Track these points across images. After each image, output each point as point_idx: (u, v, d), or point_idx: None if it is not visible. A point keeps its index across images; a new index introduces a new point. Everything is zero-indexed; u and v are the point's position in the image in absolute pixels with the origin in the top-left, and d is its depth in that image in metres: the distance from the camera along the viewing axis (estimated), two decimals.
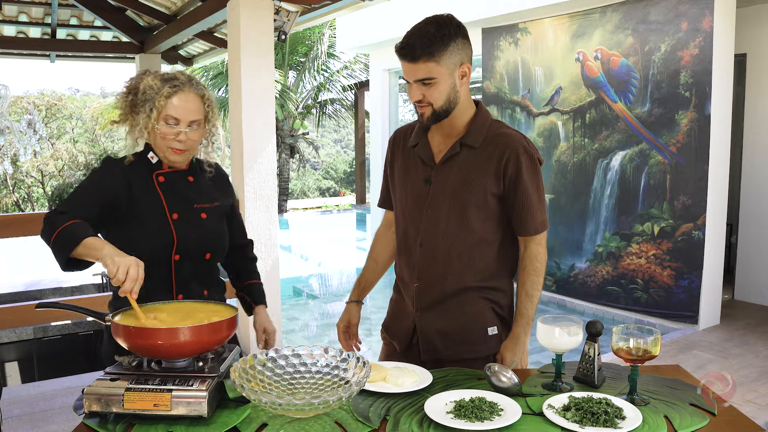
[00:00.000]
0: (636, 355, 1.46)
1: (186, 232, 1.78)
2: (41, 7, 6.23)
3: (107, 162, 1.79)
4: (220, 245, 1.88)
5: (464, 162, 1.77)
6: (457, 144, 1.78)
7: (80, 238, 1.56)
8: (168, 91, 1.72)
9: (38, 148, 18.18)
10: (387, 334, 2.00)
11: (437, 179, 1.79)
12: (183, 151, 1.76)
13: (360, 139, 14.85)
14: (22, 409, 3.43)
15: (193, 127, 1.75)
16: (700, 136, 4.86)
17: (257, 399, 1.30)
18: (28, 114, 9.33)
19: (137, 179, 1.76)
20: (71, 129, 21.28)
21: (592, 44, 5.58)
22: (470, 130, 1.78)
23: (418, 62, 1.65)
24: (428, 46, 1.64)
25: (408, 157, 1.88)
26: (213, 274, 1.90)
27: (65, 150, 20.04)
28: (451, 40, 1.66)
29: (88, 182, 1.75)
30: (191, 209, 1.81)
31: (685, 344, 4.65)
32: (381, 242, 2.06)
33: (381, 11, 8.00)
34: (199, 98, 1.76)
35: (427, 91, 1.69)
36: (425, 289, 1.83)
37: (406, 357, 1.87)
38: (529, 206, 1.76)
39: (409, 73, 1.69)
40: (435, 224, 1.79)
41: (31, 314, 3.61)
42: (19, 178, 19.40)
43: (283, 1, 4.49)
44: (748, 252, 5.74)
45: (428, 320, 1.83)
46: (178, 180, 1.82)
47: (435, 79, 1.67)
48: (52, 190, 19.56)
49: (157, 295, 1.73)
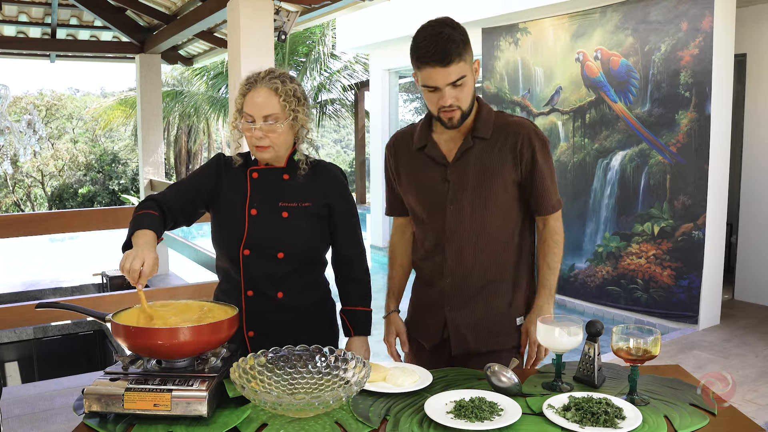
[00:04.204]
0: (636, 355, 1.46)
1: (259, 228, 1.77)
2: (41, 7, 6.23)
3: (213, 157, 1.90)
4: (297, 246, 1.79)
5: (479, 154, 1.79)
6: (469, 138, 1.79)
7: (135, 229, 1.65)
8: (244, 89, 1.75)
9: (38, 148, 18.18)
10: (413, 333, 1.98)
11: (455, 176, 1.80)
12: (265, 147, 1.74)
13: (360, 139, 14.84)
14: (22, 409, 3.43)
15: (269, 122, 1.72)
16: (700, 136, 4.85)
17: (257, 399, 1.30)
18: (28, 114, 9.32)
19: (232, 175, 1.83)
20: (71, 129, 21.28)
21: (592, 44, 5.58)
22: (478, 122, 1.79)
23: (451, 65, 1.64)
24: (457, 47, 1.64)
25: (415, 160, 1.87)
26: (296, 277, 1.81)
27: (65, 150, 20.05)
28: (468, 39, 1.68)
29: (190, 174, 1.90)
30: (274, 207, 1.79)
31: (685, 344, 4.65)
32: (400, 248, 2.03)
33: (381, 11, 8.00)
34: (272, 92, 1.73)
35: (459, 94, 1.69)
36: (456, 285, 1.83)
37: (435, 354, 1.88)
38: (546, 187, 1.80)
39: (439, 77, 1.66)
40: (460, 221, 1.80)
41: (31, 314, 3.61)
42: (19, 178, 19.40)
43: (283, 1, 4.49)
44: (748, 252, 5.74)
45: (460, 315, 1.84)
46: (271, 177, 1.81)
47: (465, 79, 1.68)
48: (52, 190, 19.58)
49: (226, 288, 1.82)
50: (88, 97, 24.47)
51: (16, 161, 17.57)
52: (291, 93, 1.74)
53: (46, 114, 20.22)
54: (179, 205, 1.79)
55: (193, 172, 1.88)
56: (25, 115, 10.50)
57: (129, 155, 20.04)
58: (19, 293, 6.33)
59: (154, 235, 1.64)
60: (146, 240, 1.61)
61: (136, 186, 18.42)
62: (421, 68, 1.68)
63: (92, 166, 19.84)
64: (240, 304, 1.77)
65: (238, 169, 1.83)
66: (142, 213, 1.70)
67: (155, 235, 1.65)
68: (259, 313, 1.80)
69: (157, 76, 7.07)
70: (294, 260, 1.80)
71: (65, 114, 21.46)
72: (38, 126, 9.09)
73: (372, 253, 9.20)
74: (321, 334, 1.87)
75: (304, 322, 1.83)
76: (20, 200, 19.24)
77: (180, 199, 1.80)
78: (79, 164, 19.88)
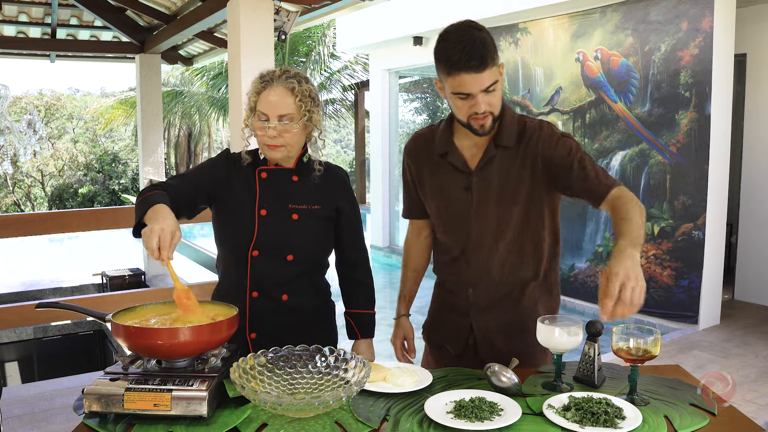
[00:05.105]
0: (636, 355, 1.45)
1: (268, 229, 1.75)
2: (41, 7, 6.23)
3: (221, 153, 1.86)
4: (306, 249, 1.79)
5: (502, 163, 1.72)
6: (491, 145, 1.72)
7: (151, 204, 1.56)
8: (259, 86, 1.72)
9: (38, 148, 18.18)
10: (435, 338, 1.95)
11: (478, 186, 1.74)
12: (277, 146, 1.71)
13: (360, 139, 14.84)
14: (22, 409, 3.43)
15: (283, 122, 1.69)
16: (700, 136, 4.85)
17: (257, 399, 1.30)
18: (28, 114, 9.32)
19: (241, 173, 1.79)
20: (71, 129, 21.28)
21: (592, 44, 5.58)
22: (501, 128, 1.72)
23: (486, 70, 1.57)
24: (490, 51, 1.57)
25: (437, 167, 1.81)
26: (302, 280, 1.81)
27: (65, 150, 20.05)
28: (494, 40, 1.62)
29: (195, 167, 1.85)
30: (284, 208, 1.77)
31: (685, 344, 4.65)
32: (416, 251, 2.00)
33: (381, 11, 7.99)
34: (288, 92, 1.70)
35: (491, 99, 1.62)
36: (480, 293, 1.79)
37: (462, 359, 1.84)
38: (590, 178, 1.64)
39: (474, 84, 1.58)
40: (484, 232, 1.75)
41: (31, 314, 3.62)
42: (19, 178, 19.40)
43: (283, 1, 4.49)
44: (748, 252, 5.74)
45: (486, 321, 1.81)
46: (281, 178, 1.79)
47: (496, 84, 1.61)
48: (52, 190, 19.58)
49: (228, 288, 1.79)
50: (88, 97, 24.47)
51: (16, 161, 17.57)
52: (307, 93, 1.72)
53: (46, 114, 20.22)
54: (184, 194, 1.72)
55: (199, 166, 1.83)
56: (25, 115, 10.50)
57: (129, 155, 20.04)
58: (19, 293, 6.34)
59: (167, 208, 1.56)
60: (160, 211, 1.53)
61: (136, 186, 18.42)
62: (453, 75, 1.59)
63: (92, 166, 19.84)
64: (243, 305, 1.75)
65: (246, 167, 1.80)
66: (151, 194, 1.62)
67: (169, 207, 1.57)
68: (263, 315, 1.78)
69: (157, 76, 7.07)
70: (302, 263, 1.79)
71: (65, 114, 21.46)
72: (38, 126, 9.09)
73: (372, 253, 9.20)
74: (322, 336, 1.87)
75: (307, 325, 1.82)
76: (20, 200, 19.24)
77: (185, 189, 1.73)
78: (79, 164, 19.88)
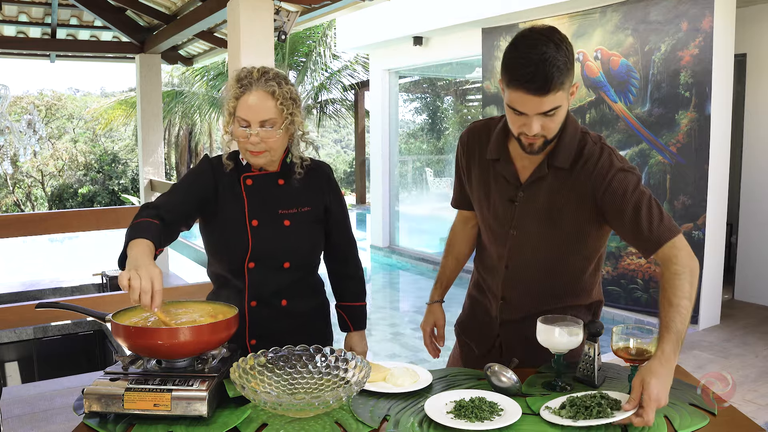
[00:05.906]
0: (636, 355, 1.46)
1: (263, 240, 1.71)
2: (41, 7, 6.23)
3: (202, 161, 1.78)
4: (301, 254, 1.77)
5: (553, 185, 1.61)
6: (545, 165, 1.60)
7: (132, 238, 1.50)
8: (237, 91, 1.65)
9: (38, 148, 18.18)
10: (464, 335, 1.93)
11: (523, 201, 1.65)
12: (260, 152, 1.66)
13: (360, 139, 14.86)
14: (22, 409, 3.43)
15: (266, 128, 1.64)
16: (700, 136, 4.85)
17: (257, 399, 1.30)
18: (28, 114, 9.31)
19: (225, 181, 1.72)
20: (71, 129, 21.28)
21: (592, 44, 5.58)
22: (557, 147, 1.59)
23: (548, 95, 1.42)
24: (560, 75, 1.41)
25: (487, 169, 1.72)
26: (300, 284, 1.79)
27: (65, 150, 20.05)
28: (572, 59, 1.45)
29: (183, 180, 1.76)
30: (274, 215, 1.72)
31: (685, 344, 4.64)
32: (460, 239, 1.94)
33: (381, 11, 7.99)
34: (268, 95, 1.63)
35: (548, 123, 1.49)
36: (509, 307, 1.76)
37: (485, 360, 1.78)
38: (642, 228, 1.52)
39: (531, 106, 1.45)
40: (521, 247, 1.69)
41: (31, 314, 3.61)
42: (19, 178, 19.40)
43: (283, 1, 4.49)
44: (748, 252, 5.73)
45: (512, 331, 1.77)
46: (267, 183, 1.74)
47: (558, 109, 1.47)
48: (52, 190, 19.58)
49: (224, 295, 1.73)
50: (88, 97, 24.47)
51: (16, 161, 17.56)
52: (288, 96, 1.66)
53: (46, 114, 20.23)
54: (185, 210, 1.68)
55: (187, 178, 1.76)
56: (25, 115, 10.50)
57: (129, 155, 20.04)
58: (19, 293, 6.33)
59: (151, 246, 1.49)
60: (142, 251, 1.46)
61: (136, 186, 18.42)
62: (511, 88, 1.46)
63: (92, 166, 19.84)
64: (242, 315, 1.73)
65: (230, 173, 1.73)
66: (141, 221, 1.56)
67: (153, 245, 1.50)
68: (263, 321, 1.77)
69: (157, 76, 7.07)
70: (299, 268, 1.78)
71: (65, 114, 21.46)
72: (38, 126, 9.08)
73: (372, 253, 9.19)
74: (320, 334, 1.87)
75: (305, 326, 1.82)
76: (20, 200, 19.24)
77: (180, 205, 1.68)
78: (79, 164, 19.88)
